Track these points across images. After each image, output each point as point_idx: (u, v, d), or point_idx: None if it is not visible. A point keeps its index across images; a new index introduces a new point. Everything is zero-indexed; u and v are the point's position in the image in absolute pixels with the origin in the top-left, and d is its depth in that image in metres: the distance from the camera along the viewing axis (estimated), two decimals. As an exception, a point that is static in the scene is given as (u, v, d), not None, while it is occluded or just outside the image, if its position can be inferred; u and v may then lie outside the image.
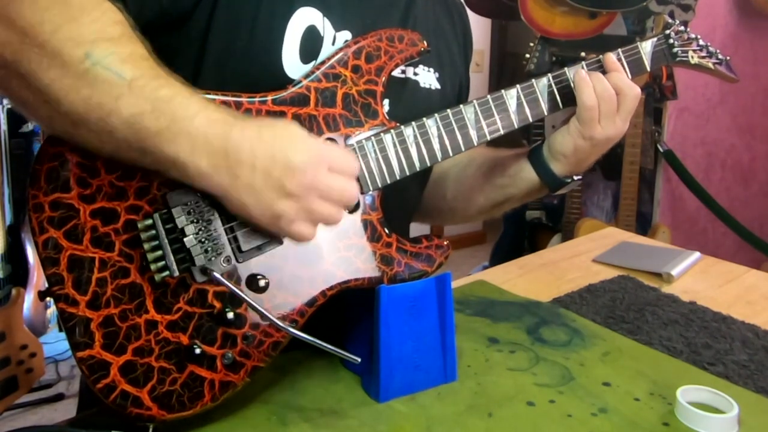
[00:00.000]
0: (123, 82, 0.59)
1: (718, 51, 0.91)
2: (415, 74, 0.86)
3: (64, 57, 0.58)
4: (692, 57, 0.89)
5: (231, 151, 0.60)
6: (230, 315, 0.65)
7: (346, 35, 0.78)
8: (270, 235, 0.67)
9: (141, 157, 0.61)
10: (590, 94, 0.80)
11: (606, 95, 0.80)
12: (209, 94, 0.68)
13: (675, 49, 0.88)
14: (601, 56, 0.84)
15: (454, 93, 0.94)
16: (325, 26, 0.76)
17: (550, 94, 0.82)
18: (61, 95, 0.58)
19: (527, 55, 2.62)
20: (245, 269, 0.67)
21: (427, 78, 0.87)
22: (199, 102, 0.61)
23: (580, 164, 0.86)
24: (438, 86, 0.89)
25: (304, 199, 0.62)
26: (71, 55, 0.58)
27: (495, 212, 0.99)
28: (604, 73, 0.82)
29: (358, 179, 0.72)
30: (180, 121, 0.59)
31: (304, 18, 0.75)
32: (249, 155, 0.60)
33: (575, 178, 0.87)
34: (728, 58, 0.92)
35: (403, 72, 0.85)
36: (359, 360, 0.68)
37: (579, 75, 0.81)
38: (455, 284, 1.03)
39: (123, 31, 0.62)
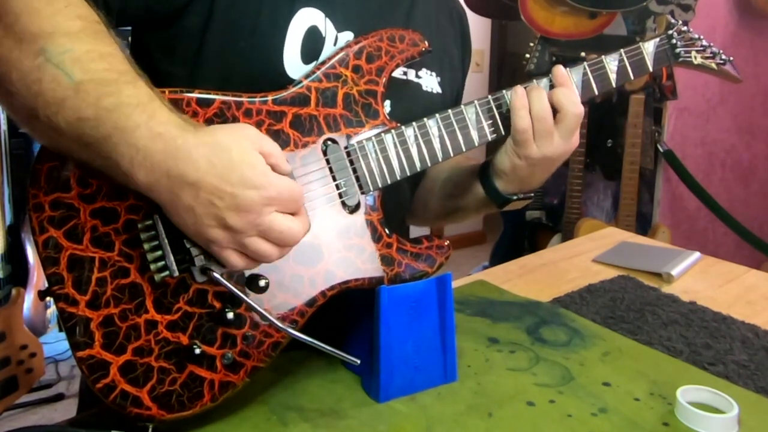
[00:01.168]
0: (70, 84, 0.56)
1: (721, 51, 0.91)
2: (418, 77, 0.86)
3: (21, 49, 0.57)
4: (695, 57, 0.89)
5: (173, 171, 0.57)
6: (230, 315, 0.65)
7: (348, 36, 0.78)
8: None
9: (91, 160, 0.59)
10: (524, 116, 0.76)
11: (540, 115, 0.76)
12: (209, 93, 0.68)
13: (678, 50, 0.88)
14: (602, 56, 0.83)
15: (452, 99, 0.93)
16: (327, 27, 0.76)
17: None
18: (14, 89, 0.57)
19: (527, 55, 2.62)
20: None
21: (429, 81, 0.87)
22: (144, 112, 0.57)
23: (523, 182, 0.83)
24: (439, 90, 0.89)
25: (241, 235, 0.59)
26: (27, 49, 0.57)
27: (451, 220, 0.97)
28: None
29: (360, 185, 0.72)
30: (121, 132, 0.56)
31: (305, 19, 0.75)
32: (194, 179, 0.57)
33: (521, 196, 0.84)
34: (731, 58, 0.92)
35: (405, 74, 0.84)
36: (358, 362, 0.68)
37: (516, 94, 0.77)
38: (455, 284, 1.03)
39: (84, 26, 0.59)
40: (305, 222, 0.63)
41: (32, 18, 0.57)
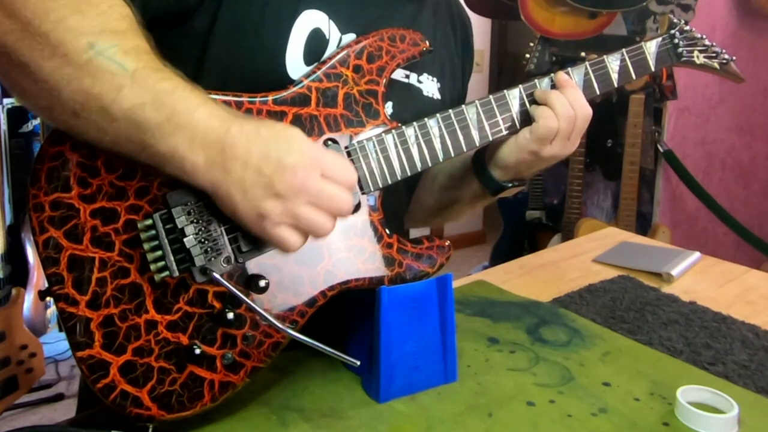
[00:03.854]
0: (125, 73, 0.58)
1: (723, 51, 0.90)
2: (420, 81, 0.86)
3: (67, 46, 0.58)
4: (697, 57, 0.89)
5: (227, 145, 0.59)
6: (230, 315, 0.65)
7: (351, 38, 0.78)
8: None
9: (139, 151, 0.60)
10: (553, 116, 0.78)
11: (567, 115, 0.78)
12: (210, 93, 0.68)
13: (680, 49, 0.87)
14: (604, 56, 0.83)
15: (452, 106, 0.93)
16: (330, 29, 0.76)
17: None
18: (62, 84, 0.58)
19: (527, 55, 2.62)
20: (245, 269, 0.66)
21: (430, 87, 0.87)
22: (200, 96, 0.61)
23: (520, 173, 0.84)
24: (439, 97, 0.89)
25: (291, 202, 0.60)
26: (74, 44, 0.58)
27: (446, 216, 0.98)
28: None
29: (360, 185, 0.72)
30: (181, 114, 0.59)
31: (309, 20, 0.75)
32: (244, 150, 0.60)
33: (515, 183, 0.86)
34: (734, 57, 0.91)
35: (408, 77, 0.84)
36: (358, 363, 0.68)
37: (545, 94, 0.79)
38: (455, 284, 1.03)
39: (129, 25, 0.62)
40: (351, 195, 0.64)
41: (78, 18, 0.59)
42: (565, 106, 0.78)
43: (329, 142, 0.72)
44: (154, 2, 0.69)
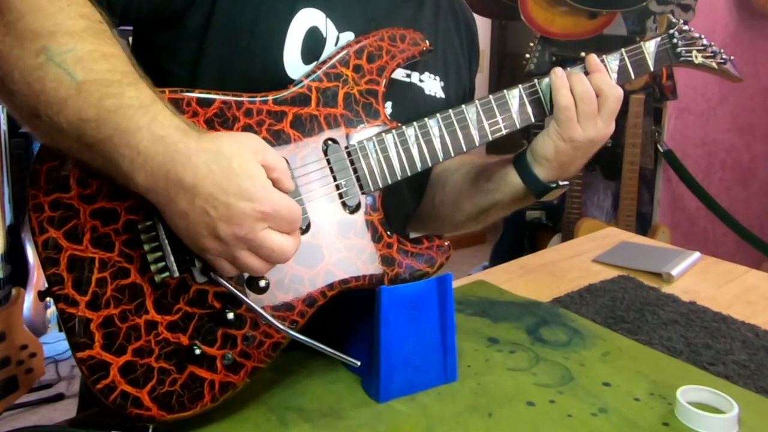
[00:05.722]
0: (72, 83, 0.56)
1: (722, 50, 0.90)
2: (421, 81, 0.86)
3: (23, 48, 0.56)
4: (696, 57, 0.89)
5: (171, 175, 0.56)
6: (230, 316, 0.65)
7: (349, 36, 0.78)
8: None
9: (92, 160, 0.59)
10: (566, 95, 0.79)
11: (585, 96, 0.79)
12: (209, 93, 0.68)
13: (679, 49, 0.87)
14: (603, 56, 0.83)
15: (458, 103, 0.93)
16: (327, 27, 0.76)
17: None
18: (16, 88, 0.57)
19: (527, 55, 2.62)
20: (245, 270, 0.66)
21: (432, 86, 0.87)
22: (147, 115, 0.57)
23: (564, 168, 0.83)
24: (443, 95, 0.88)
25: (232, 247, 0.58)
26: (29, 47, 0.56)
27: (482, 219, 0.96)
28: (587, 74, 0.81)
29: (360, 185, 0.71)
30: (122, 134, 0.56)
31: (306, 19, 0.75)
32: (191, 184, 0.56)
33: (561, 183, 0.85)
34: (732, 57, 0.92)
35: (408, 76, 0.84)
36: (359, 363, 0.68)
37: (556, 74, 0.80)
38: (455, 284, 1.03)
39: (87, 25, 0.59)
40: (297, 241, 0.61)
41: (35, 16, 0.57)
42: (582, 85, 0.78)
43: (329, 142, 0.72)
44: (137, 5, 0.69)
